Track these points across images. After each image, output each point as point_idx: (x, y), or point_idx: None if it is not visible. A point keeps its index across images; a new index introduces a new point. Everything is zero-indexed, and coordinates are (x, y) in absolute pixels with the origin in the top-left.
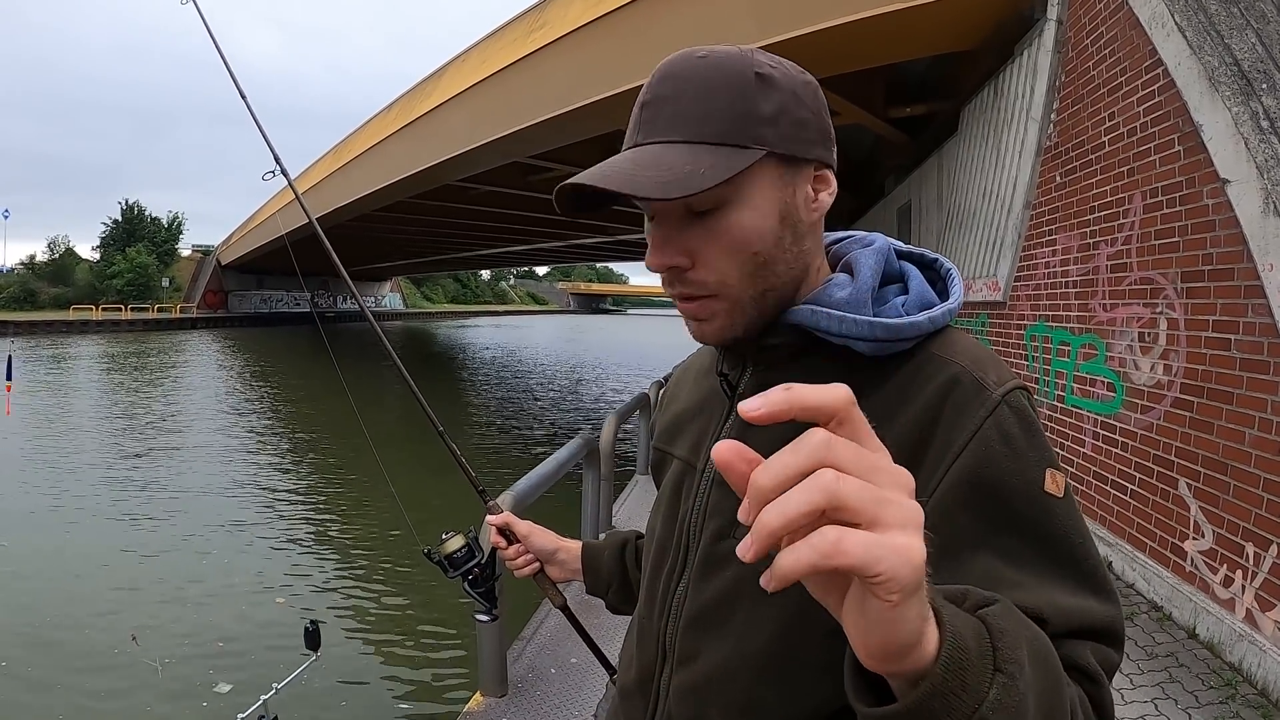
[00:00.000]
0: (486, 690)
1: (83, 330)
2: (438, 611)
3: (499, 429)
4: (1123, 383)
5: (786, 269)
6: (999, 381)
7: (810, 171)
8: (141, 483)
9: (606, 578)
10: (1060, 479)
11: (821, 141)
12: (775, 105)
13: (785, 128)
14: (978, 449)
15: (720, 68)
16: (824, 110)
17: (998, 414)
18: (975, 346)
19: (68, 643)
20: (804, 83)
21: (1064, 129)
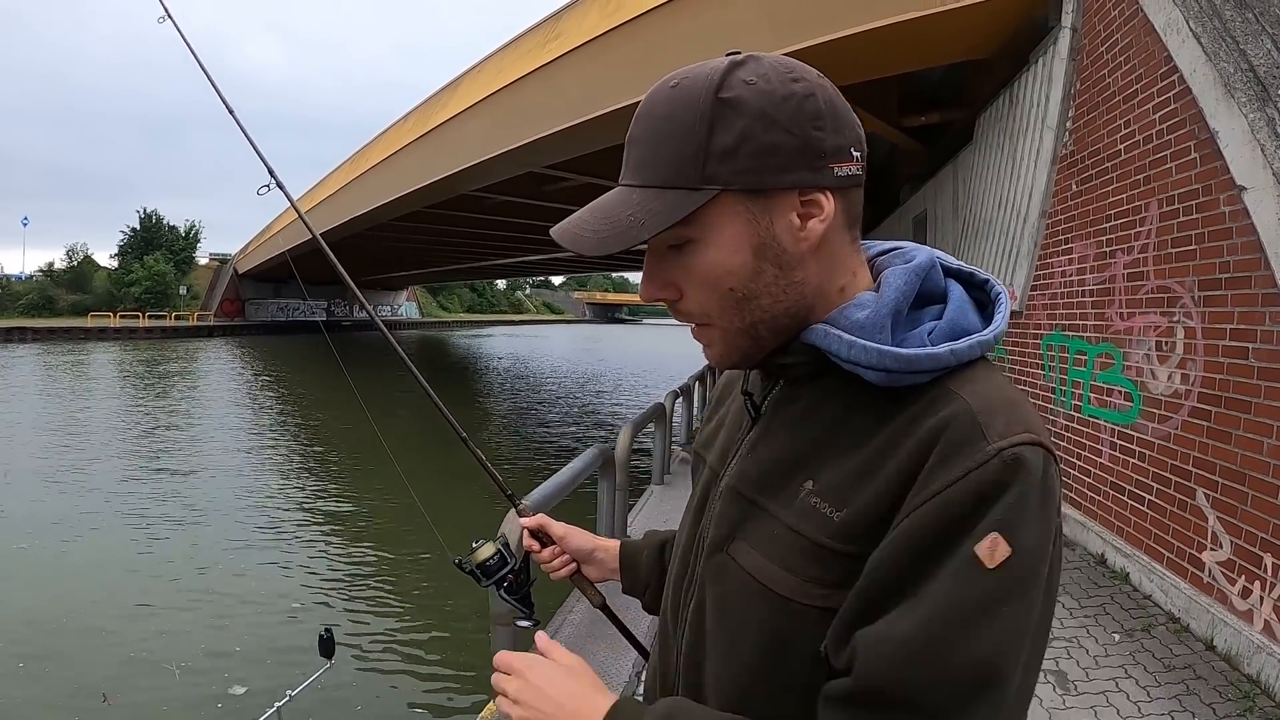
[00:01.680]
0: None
1: (100, 337)
2: (453, 618)
3: (514, 438)
4: (1140, 392)
5: (774, 301)
6: (1003, 433)
7: (791, 199)
8: (159, 489)
9: (645, 578)
10: (1001, 550)
11: (804, 164)
12: (735, 135)
13: (746, 159)
14: (947, 502)
15: (681, 100)
16: (812, 124)
17: (985, 470)
18: (996, 388)
19: (88, 645)
20: (785, 97)
21: (1080, 137)
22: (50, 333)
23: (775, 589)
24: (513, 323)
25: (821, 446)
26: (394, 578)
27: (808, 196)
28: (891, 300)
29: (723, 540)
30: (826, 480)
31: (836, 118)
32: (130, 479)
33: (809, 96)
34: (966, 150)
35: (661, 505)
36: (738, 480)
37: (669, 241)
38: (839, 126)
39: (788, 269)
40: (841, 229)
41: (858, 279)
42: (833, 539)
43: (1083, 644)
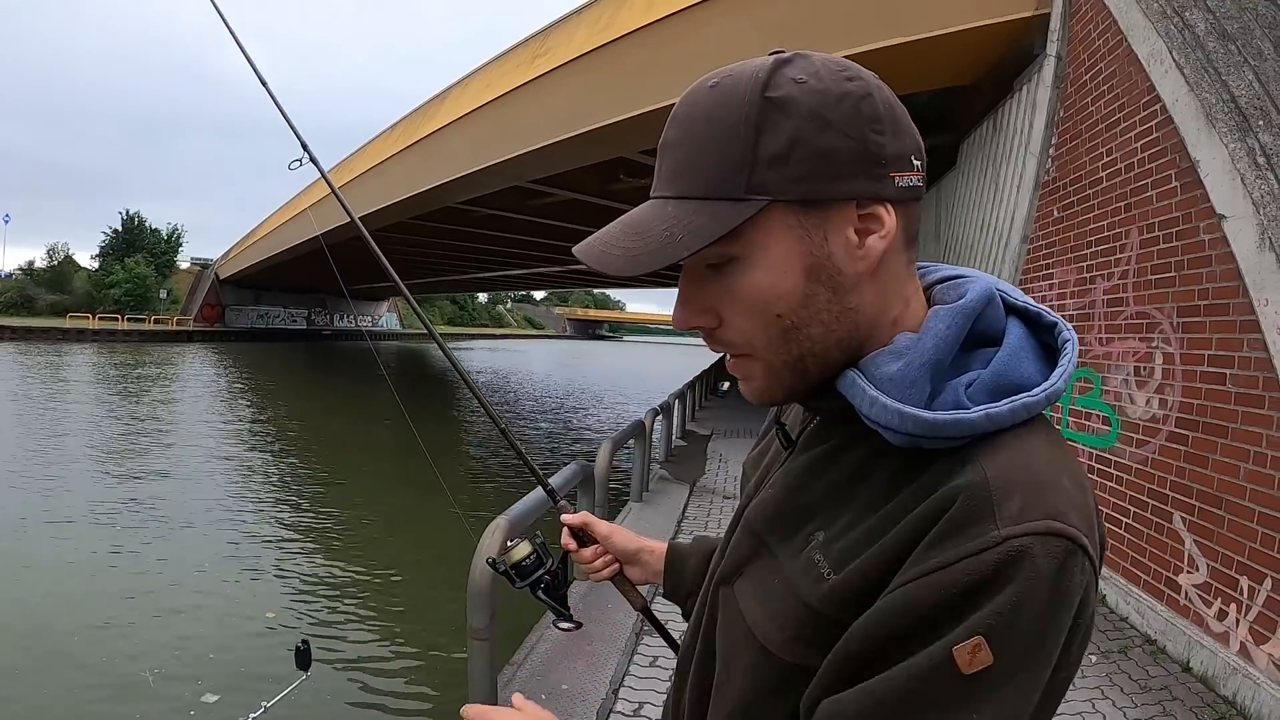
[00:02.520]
0: None
1: (79, 338)
2: (430, 633)
3: (494, 453)
4: (1118, 416)
5: (826, 331)
6: (1016, 517)
7: (848, 212)
8: (133, 495)
9: (689, 585)
10: (982, 658)
11: (863, 171)
12: (786, 139)
13: (798, 166)
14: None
15: (722, 101)
16: (872, 126)
17: (983, 559)
18: (1027, 459)
19: (59, 652)
20: (840, 96)
21: (1062, 164)
22: (28, 332)
23: (760, 638)
24: (494, 336)
25: (838, 497)
26: (371, 590)
27: (867, 210)
28: (930, 354)
29: (730, 574)
30: (833, 536)
31: (896, 122)
32: (104, 484)
33: (866, 97)
34: (950, 175)
35: (639, 523)
36: (754, 514)
37: (709, 260)
38: (899, 131)
39: (842, 293)
40: (900, 249)
41: (910, 310)
42: (820, 602)
43: None
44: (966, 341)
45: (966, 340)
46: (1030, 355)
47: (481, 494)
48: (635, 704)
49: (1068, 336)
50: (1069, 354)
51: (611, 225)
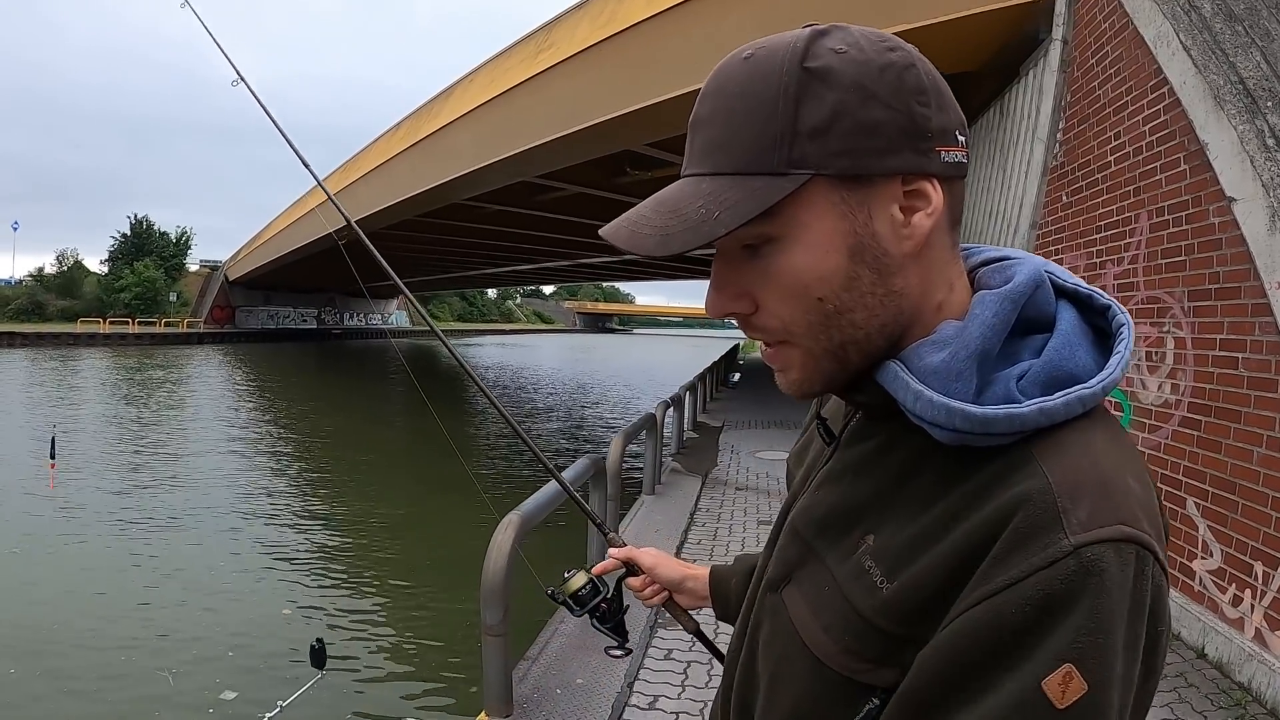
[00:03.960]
0: (492, 710)
1: (90, 343)
2: (444, 629)
3: (505, 448)
4: (1130, 402)
5: (869, 315)
6: (1086, 524)
7: (893, 188)
8: (150, 496)
9: (736, 605)
10: (1075, 687)
11: (909, 144)
12: (827, 111)
13: (841, 139)
14: (1004, 608)
15: (757, 73)
16: (917, 98)
17: (1054, 571)
18: (1092, 458)
19: (77, 652)
20: (883, 66)
21: (1070, 149)
22: (39, 338)
23: (813, 648)
24: (503, 332)
25: (886, 498)
26: (386, 587)
27: (912, 186)
28: (976, 343)
29: (778, 581)
30: (884, 539)
31: (940, 94)
32: (117, 486)
33: (909, 68)
34: None
35: (652, 515)
36: (800, 518)
37: (745, 241)
38: (943, 104)
39: (886, 275)
40: (945, 229)
41: (955, 294)
42: (875, 614)
43: None
44: (1015, 328)
45: (1015, 327)
46: (1084, 342)
47: (493, 490)
48: (650, 698)
49: (1123, 321)
50: (1125, 339)
51: (642, 204)
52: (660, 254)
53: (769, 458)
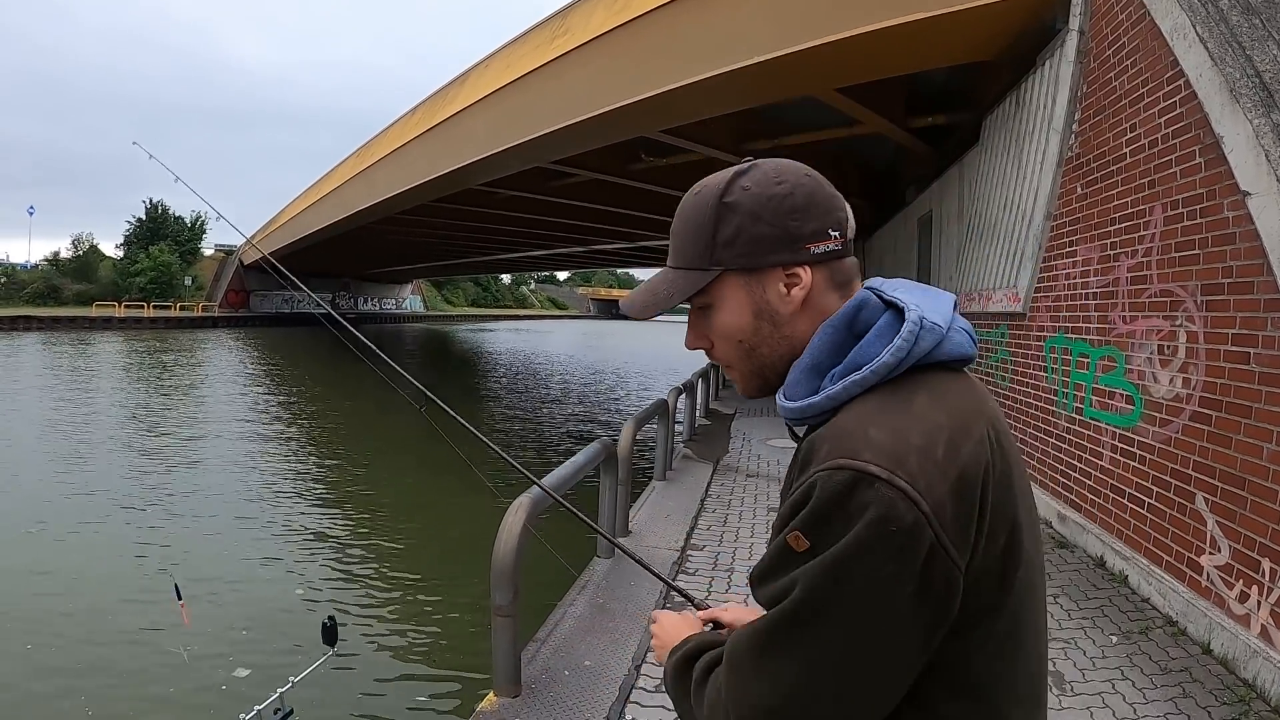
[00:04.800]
0: (500, 690)
1: (105, 326)
2: (454, 610)
3: (518, 432)
4: (1141, 395)
5: (772, 350)
6: (823, 459)
7: (777, 274)
8: (164, 477)
9: None
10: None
11: (785, 248)
12: (732, 229)
13: (741, 247)
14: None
15: (697, 204)
16: (791, 217)
17: (804, 487)
18: (852, 420)
19: (94, 629)
20: (769, 197)
21: (1085, 140)
22: (55, 321)
23: None
24: (517, 317)
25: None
26: (398, 568)
27: (790, 271)
28: (807, 359)
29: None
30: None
31: (814, 207)
32: (131, 468)
33: (788, 195)
34: (972, 152)
35: (664, 501)
36: None
37: (697, 305)
38: (817, 214)
39: (779, 326)
40: (826, 291)
41: None
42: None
43: (1080, 645)
44: (851, 340)
45: (852, 339)
46: (885, 339)
47: (505, 475)
48: (657, 680)
49: (910, 316)
50: (903, 330)
51: (641, 285)
52: (643, 317)
53: (780, 445)
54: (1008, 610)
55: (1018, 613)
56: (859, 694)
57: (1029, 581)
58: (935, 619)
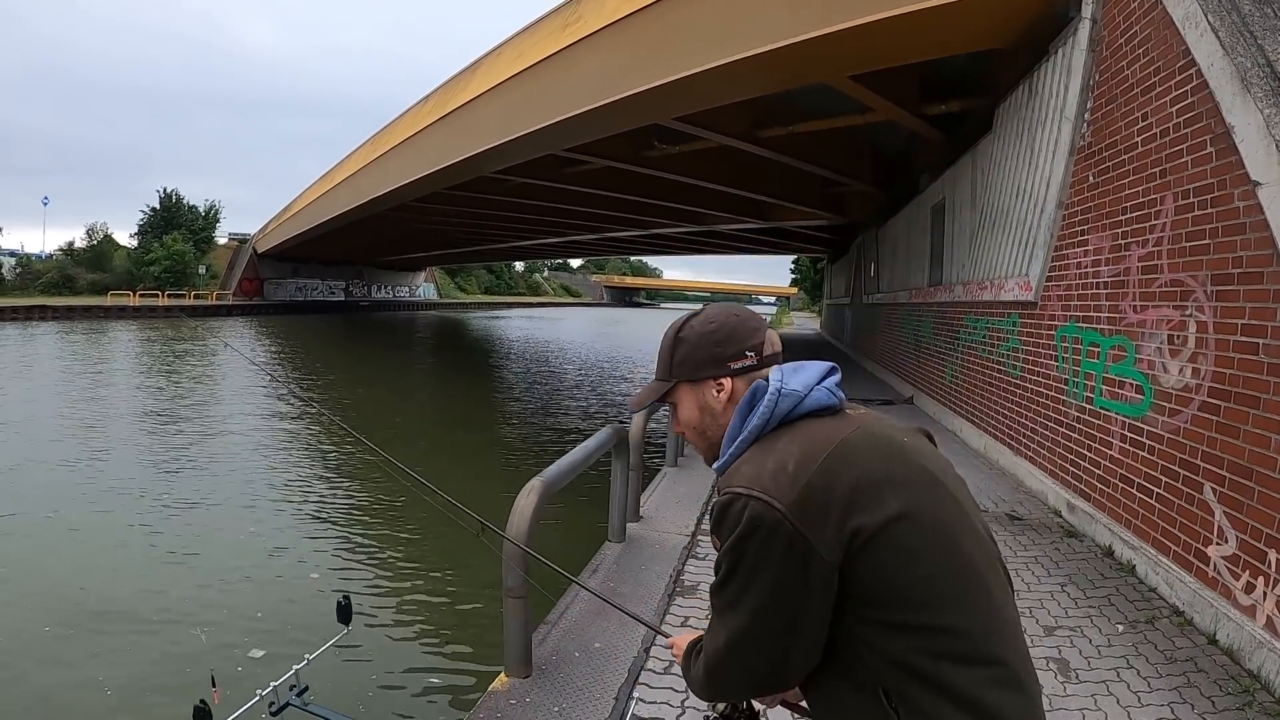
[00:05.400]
0: (511, 671)
1: (120, 315)
2: (467, 592)
3: (531, 418)
4: (1151, 385)
5: (715, 432)
6: (719, 489)
7: (709, 383)
8: (175, 465)
9: None
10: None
11: (712, 366)
12: (682, 354)
13: (687, 367)
14: None
15: (664, 338)
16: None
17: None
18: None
19: (111, 614)
20: (702, 334)
21: (1098, 128)
22: (70, 311)
23: None
24: (530, 305)
25: None
26: (410, 552)
27: (719, 380)
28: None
29: None
30: None
31: (733, 340)
32: (146, 455)
33: (715, 331)
34: (986, 139)
35: (675, 487)
36: None
37: (670, 403)
38: (735, 342)
39: (716, 416)
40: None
41: None
42: None
43: (1086, 633)
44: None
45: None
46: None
47: (517, 456)
48: (667, 662)
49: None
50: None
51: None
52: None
53: None
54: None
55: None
56: (768, 632)
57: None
58: (810, 579)
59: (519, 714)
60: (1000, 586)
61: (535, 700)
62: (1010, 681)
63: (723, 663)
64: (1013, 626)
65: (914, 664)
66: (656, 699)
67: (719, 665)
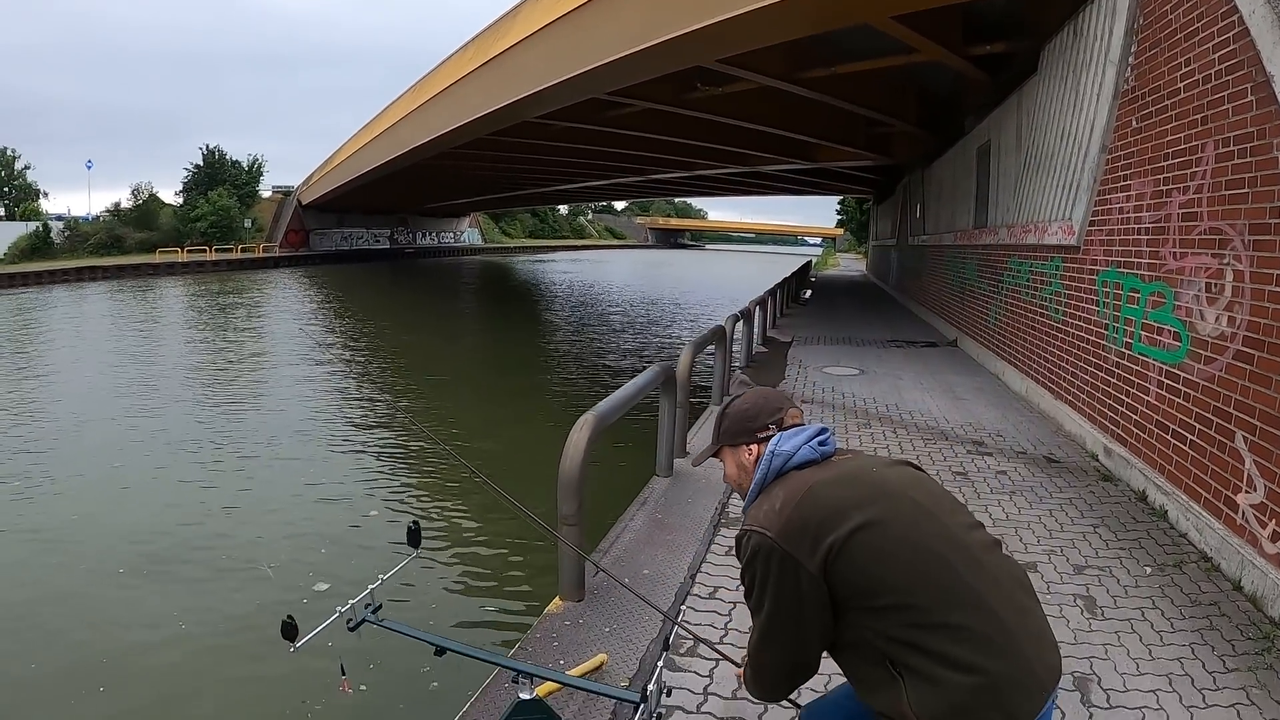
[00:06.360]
0: (565, 595)
1: (169, 272)
2: (523, 524)
3: (578, 359)
4: (1188, 332)
5: (747, 482)
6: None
7: (744, 448)
8: (237, 411)
9: None
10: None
11: (745, 435)
12: (725, 425)
13: (727, 435)
14: None
15: (719, 412)
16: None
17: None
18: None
19: (184, 552)
20: (739, 410)
21: (1141, 73)
22: (120, 270)
23: None
24: (575, 248)
25: None
26: (466, 487)
27: (750, 445)
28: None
29: None
30: None
31: (759, 414)
32: (205, 403)
33: (747, 408)
34: (1031, 81)
35: None
36: None
37: (721, 460)
38: (762, 417)
39: (748, 471)
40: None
41: None
42: None
43: (1114, 573)
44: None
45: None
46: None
47: (570, 394)
48: (711, 588)
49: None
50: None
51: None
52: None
53: (836, 373)
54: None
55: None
56: (782, 626)
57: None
58: (801, 586)
59: (573, 634)
60: (967, 562)
61: (588, 621)
62: (974, 637)
63: (759, 654)
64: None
65: (900, 635)
66: (701, 621)
67: (757, 656)
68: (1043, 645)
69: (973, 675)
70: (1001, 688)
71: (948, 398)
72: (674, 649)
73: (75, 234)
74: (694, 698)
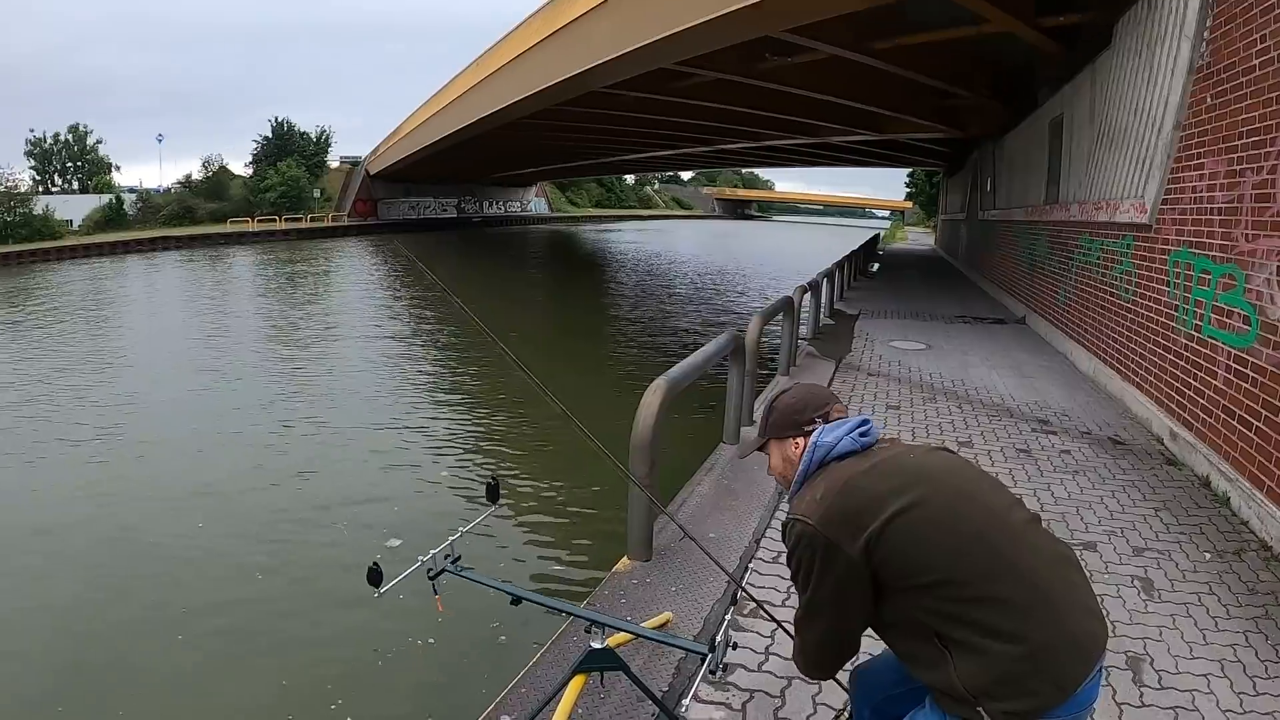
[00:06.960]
0: (634, 554)
1: (240, 241)
2: (594, 486)
3: (646, 328)
4: (1258, 316)
5: (792, 473)
6: (787, 514)
7: (789, 441)
8: (308, 378)
9: None
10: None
11: (793, 428)
12: (773, 419)
13: (775, 428)
14: None
15: (765, 405)
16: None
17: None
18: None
19: (262, 510)
20: (785, 405)
21: (1216, 48)
22: (191, 240)
23: None
24: (641, 218)
25: None
26: (537, 450)
27: (797, 438)
28: (799, 473)
29: None
30: None
31: (806, 409)
32: (273, 373)
33: (793, 403)
34: (1105, 55)
35: None
36: None
37: (766, 453)
38: (805, 410)
39: (793, 463)
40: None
41: None
42: None
43: (1174, 557)
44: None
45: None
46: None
47: (638, 363)
48: (775, 553)
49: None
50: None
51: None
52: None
53: (903, 347)
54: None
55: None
56: (823, 605)
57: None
58: (839, 569)
59: (639, 592)
60: (1007, 537)
61: (654, 580)
62: (1017, 608)
63: (804, 631)
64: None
65: (945, 610)
66: (764, 584)
67: (803, 632)
68: (1086, 614)
69: (1017, 644)
70: (1046, 656)
71: (1014, 375)
72: (738, 609)
73: (148, 205)
74: (755, 656)
